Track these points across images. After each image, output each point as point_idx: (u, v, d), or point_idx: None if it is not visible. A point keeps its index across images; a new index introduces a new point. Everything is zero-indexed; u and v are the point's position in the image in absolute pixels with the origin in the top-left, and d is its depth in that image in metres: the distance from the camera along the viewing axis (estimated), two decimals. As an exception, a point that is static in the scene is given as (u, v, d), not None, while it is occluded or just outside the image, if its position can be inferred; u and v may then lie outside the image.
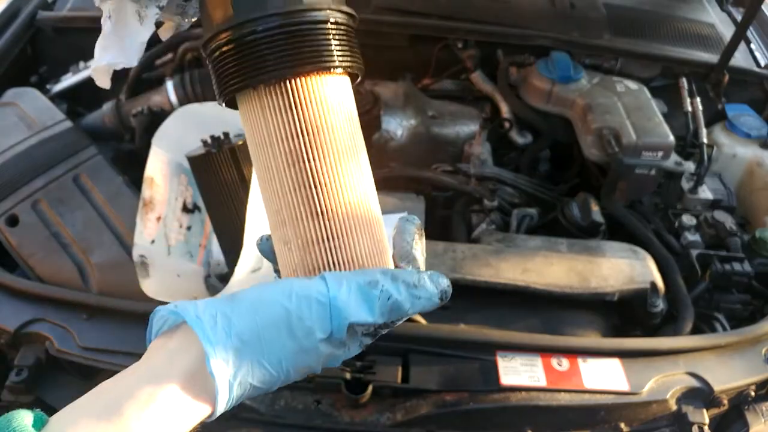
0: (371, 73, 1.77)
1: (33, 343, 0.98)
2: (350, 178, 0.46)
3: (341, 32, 0.46)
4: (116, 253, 1.14)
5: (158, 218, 1.05)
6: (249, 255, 0.89)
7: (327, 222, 0.45)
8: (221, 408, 0.41)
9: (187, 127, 1.05)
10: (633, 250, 1.23)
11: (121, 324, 1.00)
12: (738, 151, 1.62)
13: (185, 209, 1.11)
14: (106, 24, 0.44)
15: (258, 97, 0.45)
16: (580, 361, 0.98)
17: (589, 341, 1.06)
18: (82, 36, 1.76)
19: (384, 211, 1.41)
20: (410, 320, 1.07)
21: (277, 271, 0.50)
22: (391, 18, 1.72)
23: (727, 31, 1.84)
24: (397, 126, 1.56)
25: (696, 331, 1.15)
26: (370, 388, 0.92)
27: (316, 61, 0.44)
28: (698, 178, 1.50)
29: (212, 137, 1.02)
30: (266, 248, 0.51)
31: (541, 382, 0.95)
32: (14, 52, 1.63)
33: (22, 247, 1.14)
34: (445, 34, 1.74)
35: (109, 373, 0.41)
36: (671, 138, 1.39)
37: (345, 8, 0.46)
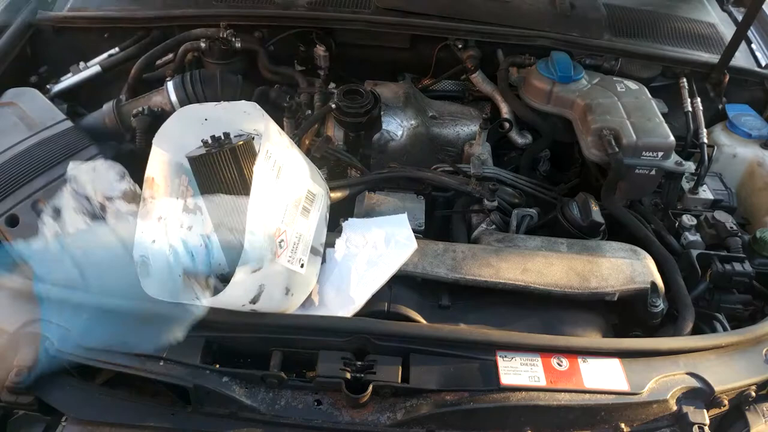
0: (371, 73, 1.78)
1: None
2: None
3: None
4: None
5: (159, 218, 1.05)
6: (250, 255, 0.89)
7: None
8: None
9: (187, 128, 1.05)
10: (633, 250, 1.23)
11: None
12: (738, 151, 1.62)
13: (186, 209, 1.12)
14: None
15: None
16: (580, 361, 0.98)
17: (589, 341, 1.06)
18: (82, 36, 1.77)
19: (384, 212, 1.40)
20: (410, 320, 1.08)
21: None
22: (391, 18, 1.72)
23: (727, 31, 1.84)
24: (398, 126, 1.56)
25: (696, 331, 1.14)
26: (371, 387, 0.92)
27: None
28: (698, 178, 1.50)
29: (213, 137, 1.02)
30: None
31: (541, 382, 0.95)
32: (14, 52, 1.63)
33: (23, 247, 1.14)
34: (445, 34, 1.74)
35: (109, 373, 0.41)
36: (671, 138, 1.39)
37: None
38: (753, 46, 1.87)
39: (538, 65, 1.62)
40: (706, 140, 1.56)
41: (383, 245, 1.15)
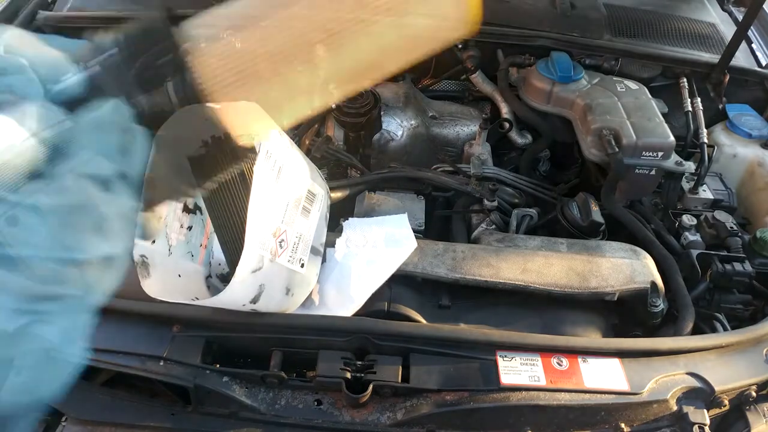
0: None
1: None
2: None
3: None
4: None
5: (159, 218, 1.05)
6: (250, 255, 0.89)
7: None
8: None
9: (187, 128, 1.05)
10: (633, 250, 1.23)
11: (122, 324, 1.00)
12: (739, 151, 1.62)
13: (186, 209, 1.11)
14: None
15: None
16: (580, 360, 0.98)
17: (590, 341, 1.06)
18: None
19: (384, 212, 1.39)
20: (410, 320, 1.08)
21: None
22: (391, 18, 1.71)
23: (727, 30, 1.84)
24: (398, 126, 1.56)
25: (696, 331, 1.14)
26: (371, 387, 0.92)
27: None
28: (699, 178, 1.50)
29: (213, 137, 1.02)
30: None
31: (541, 381, 0.95)
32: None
33: (23, 247, 1.14)
34: (445, 34, 1.74)
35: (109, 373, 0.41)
36: (671, 138, 1.39)
37: None
38: (753, 45, 1.87)
39: (538, 65, 1.62)
40: (706, 140, 1.56)
41: (383, 244, 1.15)
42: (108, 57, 0.41)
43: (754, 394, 1.01)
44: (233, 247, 1.05)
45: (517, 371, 0.96)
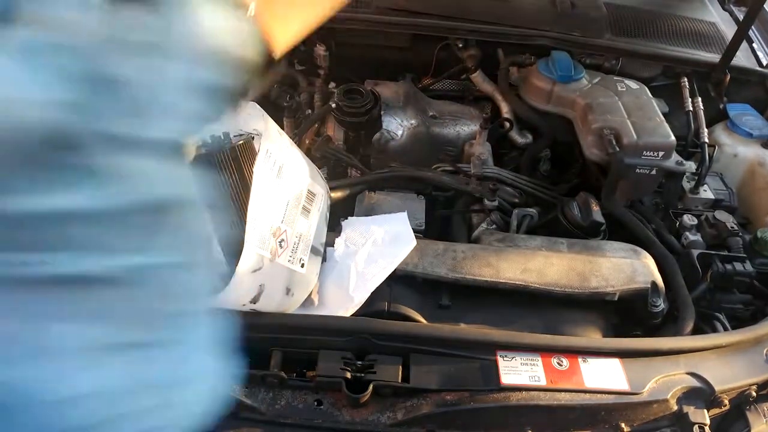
0: (372, 73, 1.77)
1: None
2: None
3: None
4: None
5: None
6: (249, 255, 0.89)
7: None
8: None
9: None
10: (633, 249, 1.23)
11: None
12: (739, 150, 1.62)
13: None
14: None
15: None
16: (580, 360, 0.98)
17: (590, 341, 1.06)
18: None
19: (384, 211, 1.39)
20: (411, 320, 1.08)
21: None
22: (391, 18, 1.72)
23: (728, 30, 1.84)
24: (398, 126, 1.56)
25: (697, 331, 1.14)
26: (371, 387, 0.92)
27: None
28: (699, 178, 1.50)
29: (212, 137, 1.02)
30: None
31: (542, 381, 0.95)
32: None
33: (23, 246, 1.14)
34: (445, 33, 1.74)
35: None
36: (672, 138, 1.39)
37: None
38: (754, 45, 1.87)
39: (539, 65, 1.62)
40: (707, 140, 1.56)
41: (383, 243, 1.15)
42: None
43: (754, 393, 1.01)
44: (233, 247, 1.05)
45: (518, 371, 0.96)
